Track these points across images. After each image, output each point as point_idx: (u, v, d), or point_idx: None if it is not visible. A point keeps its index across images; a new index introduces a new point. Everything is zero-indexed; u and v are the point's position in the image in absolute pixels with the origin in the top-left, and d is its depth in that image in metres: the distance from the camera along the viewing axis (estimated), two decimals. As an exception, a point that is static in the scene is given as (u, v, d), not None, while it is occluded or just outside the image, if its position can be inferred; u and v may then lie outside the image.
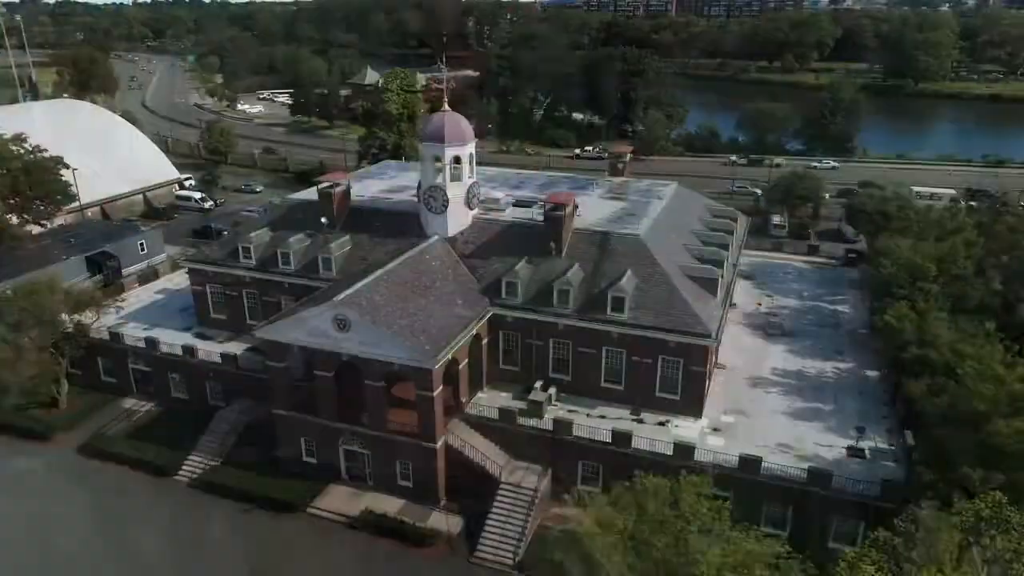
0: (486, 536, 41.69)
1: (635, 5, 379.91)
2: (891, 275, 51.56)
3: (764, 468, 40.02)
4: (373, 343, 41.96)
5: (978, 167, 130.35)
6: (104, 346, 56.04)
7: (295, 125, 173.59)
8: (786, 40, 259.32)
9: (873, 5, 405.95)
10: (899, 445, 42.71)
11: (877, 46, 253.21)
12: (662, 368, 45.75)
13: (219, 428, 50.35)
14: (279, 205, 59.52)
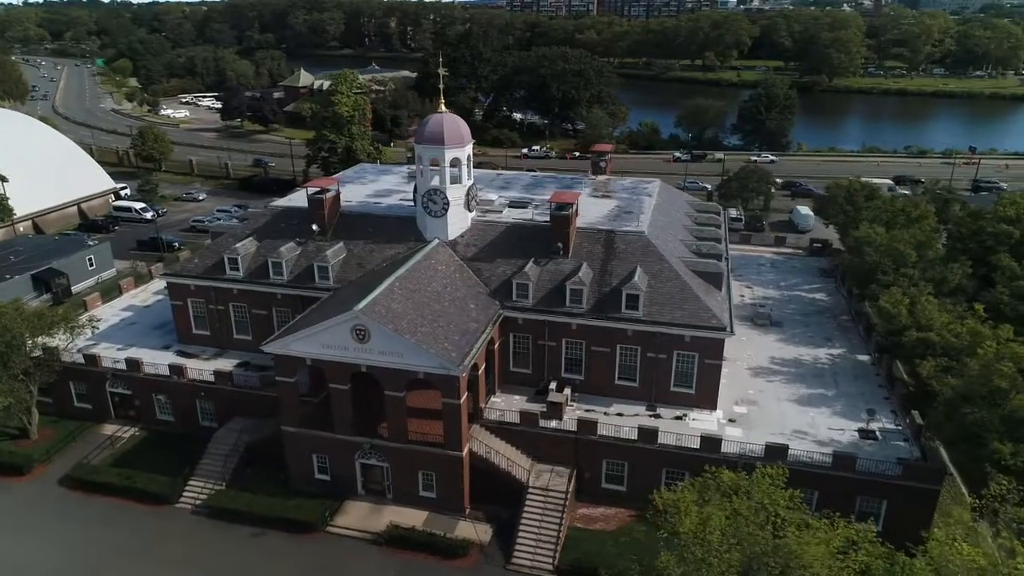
0: (521, 542, 41.17)
1: (557, 5, 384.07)
2: (875, 263, 53.87)
3: (790, 455, 41.04)
4: (395, 352, 40.75)
5: (902, 157, 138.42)
6: (77, 370, 52.30)
7: (227, 130, 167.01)
8: (707, 39, 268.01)
9: (781, 5, 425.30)
10: (905, 425, 44.68)
11: (792, 44, 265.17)
12: (677, 363, 46.32)
13: (219, 450, 47.78)
14: (262, 213, 56.98)
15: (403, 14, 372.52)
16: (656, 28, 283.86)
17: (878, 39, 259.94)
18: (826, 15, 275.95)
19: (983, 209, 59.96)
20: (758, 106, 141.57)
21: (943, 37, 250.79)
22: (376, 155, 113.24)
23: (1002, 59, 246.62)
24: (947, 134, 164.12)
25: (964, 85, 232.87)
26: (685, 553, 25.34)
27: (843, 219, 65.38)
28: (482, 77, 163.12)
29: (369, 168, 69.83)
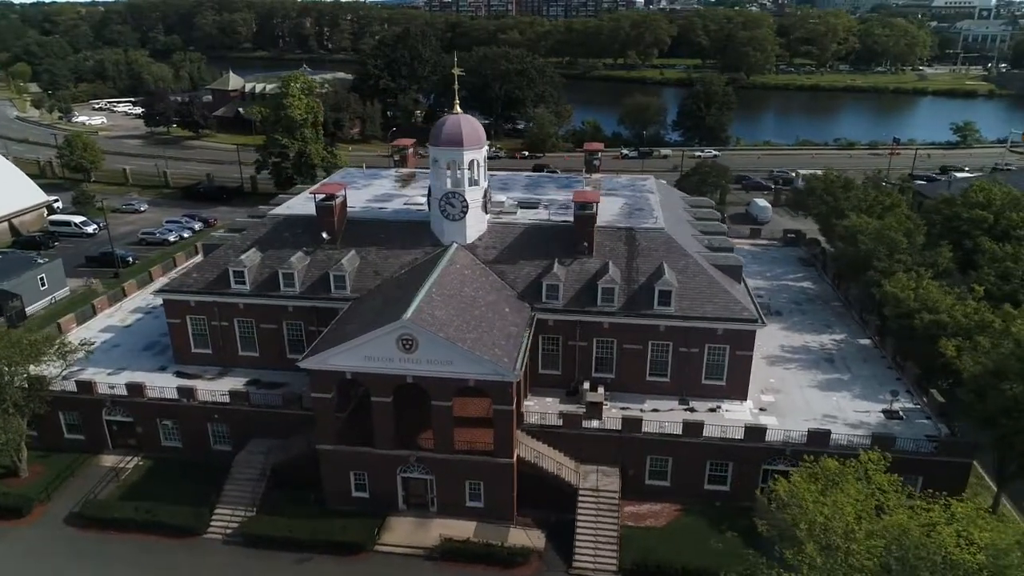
0: (580, 545, 40.85)
1: (477, 5, 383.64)
2: (869, 250, 56.37)
3: (832, 440, 42.40)
4: (444, 361, 39.63)
5: (833, 150, 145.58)
6: (69, 399, 48.34)
7: (152, 136, 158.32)
8: (628, 39, 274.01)
9: (690, 4, 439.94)
10: (924, 404, 46.98)
11: (709, 43, 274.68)
12: (708, 356, 47.07)
13: (243, 474, 45.19)
14: (262, 223, 54.17)
15: (319, 14, 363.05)
16: (579, 28, 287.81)
17: (788, 37, 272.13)
18: (739, 15, 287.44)
19: (954, 196, 63.74)
20: (697, 103, 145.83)
21: (847, 35, 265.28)
22: (331, 159, 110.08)
23: (900, 56, 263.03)
24: (862, 127, 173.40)
25: (870, 80, 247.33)
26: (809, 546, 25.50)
27: (824, 209, 68.11)
28: (422, 78, 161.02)
29: (356, 172, 67.67)
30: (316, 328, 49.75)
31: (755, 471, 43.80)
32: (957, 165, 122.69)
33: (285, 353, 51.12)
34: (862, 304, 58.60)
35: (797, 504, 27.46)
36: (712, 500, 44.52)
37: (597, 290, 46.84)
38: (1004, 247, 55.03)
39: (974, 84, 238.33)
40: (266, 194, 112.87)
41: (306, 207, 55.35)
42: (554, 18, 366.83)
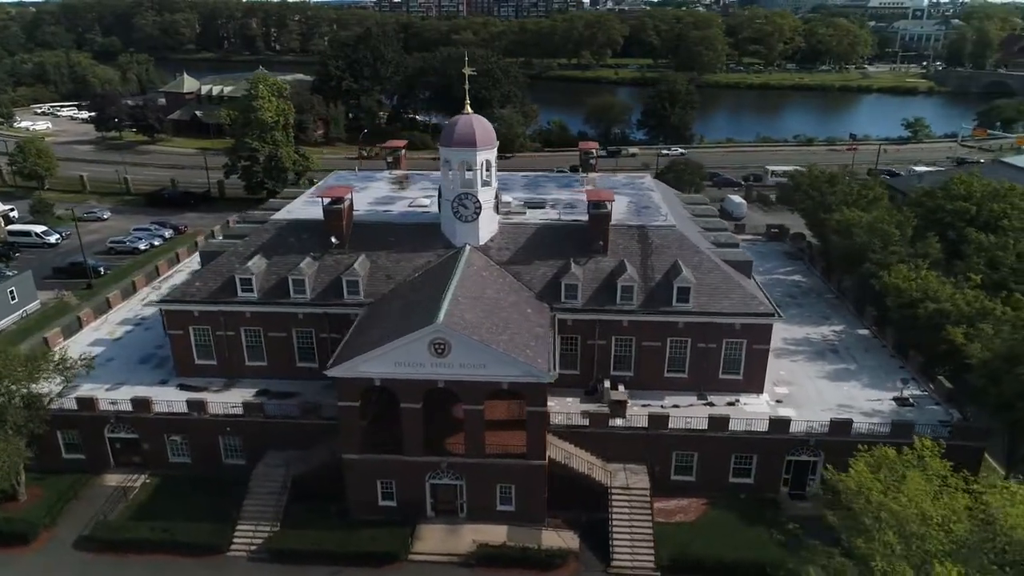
0: (617, 544, 40.82)
1: (428, 6, 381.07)
2: (864, 243, 57.96)
3: (853, 429, 43.39)
4: (477, 364, 39.10)
5: (792, 146, 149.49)
6: (69, 417, 46.04)
7: (103, 141, 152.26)
8: (581, 38, 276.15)
9: (638, 4, 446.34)
10: (931, 390, 48.48)
11: (660, 43, 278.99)
12: (726, 351, 47.64)
13: (263, 488, 43.73)
14: (265, 228, 52.50)
15: (266, 15, 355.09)
16: (532, 28, 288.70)
17: (736, 37, 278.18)
18: (689, 15, 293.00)
19: (935, 189, 65.96)
20: (662, 102, 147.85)
21: (793, 35, 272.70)
22: (304, 162, 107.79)
23: (843, 55, 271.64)
24: (811, 124, 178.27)
25: (817, 78, 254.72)
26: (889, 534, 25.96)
27: (811, 204, 69.74)
28: (385, 79, 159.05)
29: (348, 176, 66.24)
30: (328, 335, 48.65)
31: (779, 462, 44.55)
32: (915, 159, 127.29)
33: (295, 362, 49.81)
34: (858, 295, 60.18)
35: (863, 494, 27.89)
36: (737, 493, 45.06)
37: (616, 288, 46.91)
38: (989, 237, 57.22)
39: (914, 82, 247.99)
40: (235, 199, 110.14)
41: (308, 211, 54.08)
42: (505, 18, 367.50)
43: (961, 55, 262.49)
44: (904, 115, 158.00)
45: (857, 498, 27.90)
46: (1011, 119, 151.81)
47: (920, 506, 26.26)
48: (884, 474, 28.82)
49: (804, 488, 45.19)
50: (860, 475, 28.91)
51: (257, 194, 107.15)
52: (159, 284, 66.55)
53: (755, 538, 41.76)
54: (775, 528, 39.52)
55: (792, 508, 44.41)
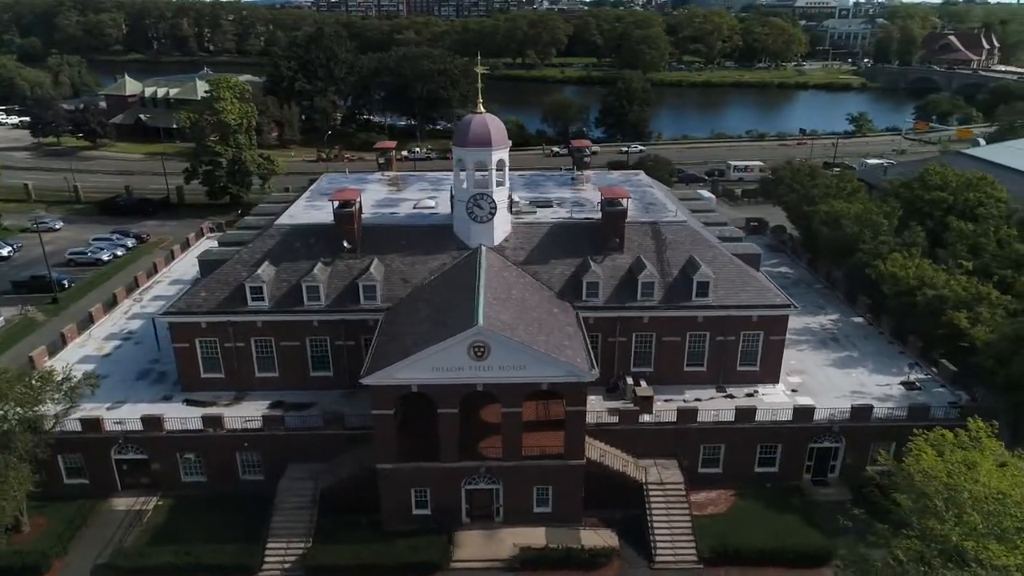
0: (659, 539, 41.00)
1: (367, 5, 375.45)
2: (855, 233, 59.90)
3: (873, 415, 44.75)
4: (517, 366, 38.61)
5: (745, 142, 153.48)
6: (72, 440, 43.42)
7: (40, 148, 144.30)
8: (525, 38, 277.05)
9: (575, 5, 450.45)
10: (933, 374, 50.42)
11: (603, 42, 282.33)
12: (743, 343, 48.45)
13: (290, 503, 42.16)
14: (270, 234, 50.55)
15: (198, 15, 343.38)
16: (475, 27, 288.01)
17: (676, 36, 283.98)
18: (630, 15, 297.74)
19: (911, 180, 68.69)
20: (619, 100, 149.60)
21: (731, 34, 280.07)
22: (268, 166, 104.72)
23: (778, 53, 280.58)
24: (752, 119, 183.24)
25: (756, 76, 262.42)
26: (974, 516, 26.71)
27: (796, 198, 71.62)
28: (339, 79, 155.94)
29: (340, 178, 64.50)
30: (344, 342, 47.41)
31: (803, 450, 45.57)
32: (863, 152, 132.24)
33: (308, 371, 48.31)
34: (849, 285, 62.10)
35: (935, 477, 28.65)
36: (763, 482, 45.89)
37: (636, 285, 47.14)
38: (968, 225, 59.91)
39: (847, 78, 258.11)
40: (196, 206, 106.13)
41: (312, 215, 52.61)
42: (447, 18, 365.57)
43: (888, 52, 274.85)
44: (839, 110, 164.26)
45: (930, 481, 28.67)
46: (946, 112, 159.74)
47: (997, 485, 27.23)
48: (947, 456, 29.71)
49: (826, 475, 46.37)
50: (930, 459, 29.70)
51: (220, 199, 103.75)
52: (140, 296, 63.56)
53: (788, 525, 42.64)
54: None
55: (816, 494, 45.56)
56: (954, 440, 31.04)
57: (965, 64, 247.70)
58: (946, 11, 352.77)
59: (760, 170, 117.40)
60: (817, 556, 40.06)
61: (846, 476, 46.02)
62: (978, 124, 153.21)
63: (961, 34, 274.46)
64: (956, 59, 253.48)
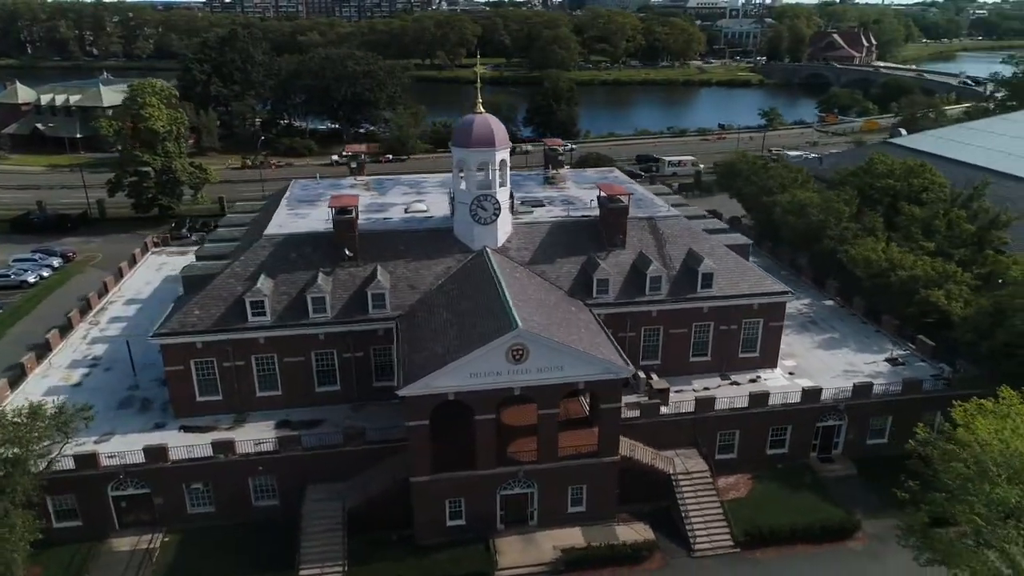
0: (694, 528, 41.63)
1: (264, 6, 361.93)
2: (822, 221, 62.97)
3: (873, 392, 47.16)
4: (555, 367, 38.26)
5: (668, 137, 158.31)
6: (66, 479, 39.57)
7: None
8: (434, 39, 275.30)
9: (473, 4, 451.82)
10: (912, 350, 53.65)
11: (512, 43, 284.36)
12: (744, 331, 49.96)
13: (317, 526, 40.01)
14: (262, 245, 47.71)
15: (78, 16, 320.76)
16: (382, 28, 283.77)
17: (583, 36, 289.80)
18: (537, 15, 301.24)
19: (859, 168, 72.81)
20: (547, 99, 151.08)
21: (635, 33, 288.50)
22: (201, 175, 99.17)
23: (680, 51, 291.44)
24: (665, 116, 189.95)
25: (662, 74, 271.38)
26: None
27: (754, 189, 74.43)
28: (257, 83, 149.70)
29: (313, 184, 61.84)
30: (351, 354, 45.59)
31: (810, 430, 47.43)
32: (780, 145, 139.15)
33: (313, 387, 46.16)
34: (816, 270, 65.15)
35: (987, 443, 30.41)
36: (774, 464, 47.44)
37: (644, 280, 47.71)
38: (917, 209, 64.12)
39: (746, 75, 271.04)
40: (120, 220, 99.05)
41: (302, 224, 50.41)
42: (349, 19, 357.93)
43: (780, 50, 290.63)
44: (741, 106, 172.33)
45: (988, 448, 30.41)
46: (846, 106, 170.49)
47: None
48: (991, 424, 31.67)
49: (831, 451, 48.48)
50: (981, 427, 31.50)
51: (148, 212, 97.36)
52: (96, 318, 58.80)
53: (807, 503, 44.27)
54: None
55: (824, 471, 47.54)
56: (993, 408, 33.02)
57: (849, 60, 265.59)
58: (825, 11, 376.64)
59: (692, 164, 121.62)
60: (843, 529, 41.87)
61: (849, 451, 48.31)
62: (881, 116, 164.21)
63: (843, 32, 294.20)
64: (840, 56, 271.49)
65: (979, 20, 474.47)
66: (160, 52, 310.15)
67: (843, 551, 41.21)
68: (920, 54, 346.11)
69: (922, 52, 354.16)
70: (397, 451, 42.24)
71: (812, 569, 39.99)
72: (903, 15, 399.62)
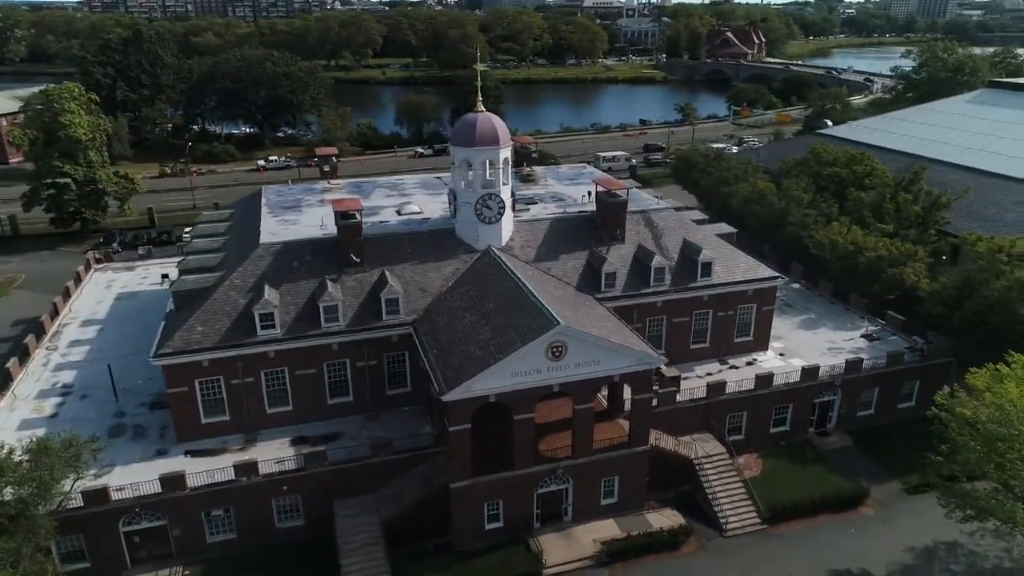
0: (723, 509, 42.85)
1: (150, 6, 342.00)
2: (784, 208, 66.17)
3: (863, 366, 50.05)
4: (591, 361, 38.47)
5: (591, 134, 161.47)
6: (73, 519, 36.24)
7: None
8: (339, 39, 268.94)
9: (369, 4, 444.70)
10: (883, 325, 57.17)
11: (418, 42, 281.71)
12: (739, 316, 51.85)
13: (354, 542, 38.40)
14: (259, 255, 45.16)
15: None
16: (285, 29, 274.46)
17: (489, 35, 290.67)
18: (443, 14, 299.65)
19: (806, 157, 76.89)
20: (471, 98, 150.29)
21: (541, 32, 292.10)
22: (128, 185, 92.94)
23: (585, 50, 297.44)
24: (576, 113, 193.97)
25: (571, 72, 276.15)
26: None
27: (712, 180, 77.14)
28: (167, 86, 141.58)
29: (286, 190, 59.13)
30: (365, 363, 44.18)
31: (809, 406, 49.81)
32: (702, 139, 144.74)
33: (326, 400, 44.44)
34: (780, 255, 68.30)
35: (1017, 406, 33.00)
36: (777, 441, 49.53)
37: (649, 272, 48.64)
38: (866, 194, 68.47)
39: (650, 72, 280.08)
40: (37, 236, 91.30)
41: (294, 231, 48.32)
42: (244, 19, 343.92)
43: (679, 48, 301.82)
44: (647, 102, 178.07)
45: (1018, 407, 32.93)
46: (753, 100, 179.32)
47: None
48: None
49: (826, 425, 51.07)
50: (1012, 390, 33.99)
51: (70, 227, 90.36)
52: (54, 343, 54.14)
53: (816, 476, 46.50)
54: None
55: (823, 444, 50.03)
56: (1010, 372, 35.80)
57: (743, 57, 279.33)
58: (714, 10, 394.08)
59: (626, 159, 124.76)
60: (856, 498, 44.28)
61: (842, 424, 51.07)
62: (788, 109, 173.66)
63: (735, 30, 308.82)
64: (735, 53, 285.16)
65: (849, 18, 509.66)
66: (35, 55, 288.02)
67: (859, 518, 43.58)
68: (802, 50, 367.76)
69: (804, 49, 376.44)
70: (424, 459, 41.43)
71: (834, 538, 42.04)
72: (783, 14, 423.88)
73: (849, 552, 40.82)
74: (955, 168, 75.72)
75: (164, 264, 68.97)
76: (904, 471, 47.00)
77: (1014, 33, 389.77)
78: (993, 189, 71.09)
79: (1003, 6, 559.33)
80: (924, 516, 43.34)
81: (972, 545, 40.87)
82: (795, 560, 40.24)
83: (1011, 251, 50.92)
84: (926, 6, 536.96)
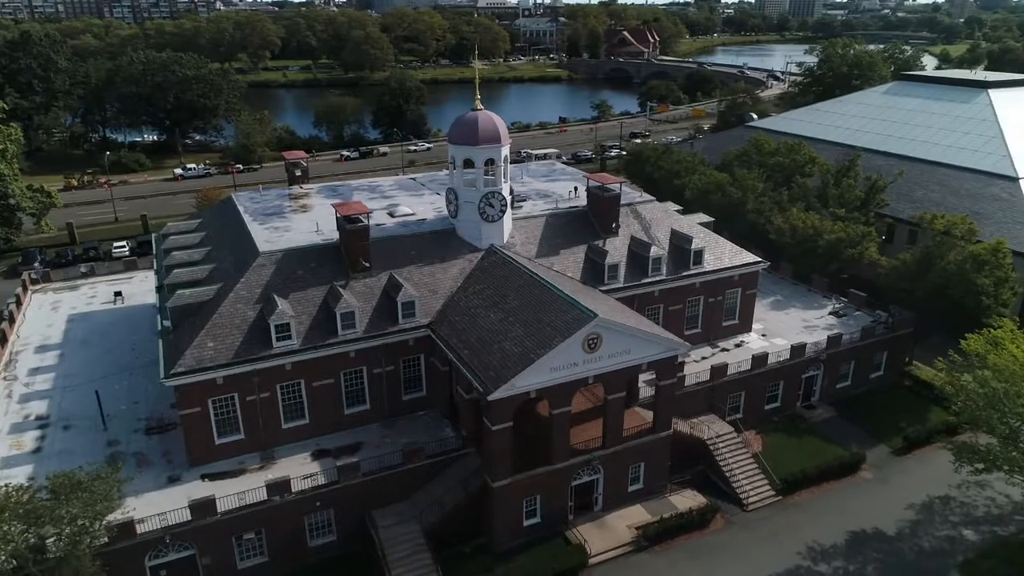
0: (741, 485, 44.70)
1: (15, 6, 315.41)
2: (741, 198, 69.44)
3: (842, 341, 53.39)
4: (623, 351, 39.29)
5: (515, 132, 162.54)
6: (98, 556, 33.49)
7: None
8: (234, 41, 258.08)
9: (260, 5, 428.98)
10: (845, 303, 61.08)
11: (318, 43, 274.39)
12: (727, 300, 54.10)
13: (400, 551, 37.43)
14: (260, 264, 42.85)
15: None
16: (174, 31, 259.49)
17: (391, 35, 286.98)
18: (342, 15, 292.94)
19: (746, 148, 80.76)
20: (395, 99, 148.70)
21: (443, 33, 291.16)
22: (45, 199, 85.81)
23: (488, 50, 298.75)
24: (492, 111, 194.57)
25: (482, 72, 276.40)
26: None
27: (663, 174, 79.62)
28: (63, 92, 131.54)
29: (260, 196, 56.36)
30: (383, 369, 43.16)
31: (797, 382, 52.67)
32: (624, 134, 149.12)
33: (343, 410, 43.05)
34: (738, 241, 71.42)
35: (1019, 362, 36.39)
36: (770, 417, 52.11)
37: (647, 262, 49.92)
38: (808, 181, 72.90)
39: (554, 71, 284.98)
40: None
41: (292, 238, 46.43)
42: (122, 20, 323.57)
43: (579, 47, 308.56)
44: (552, 101, 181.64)
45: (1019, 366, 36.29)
46: (663, 96, 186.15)
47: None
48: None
49: (811, 399, 54.12)
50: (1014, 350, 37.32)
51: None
52: (12, 373, 49.57)
53: (814, 446, 49.31)
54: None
55: (812, 416, 53.04)
56: (1006, 336, 39.34)
57: (640, 55, 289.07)
58: (607, 9, 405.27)
59: (557, 157, 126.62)
60: (854, 463, 47.28)
61: (825, 397, 54.30)
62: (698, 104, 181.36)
63: (632, 29, 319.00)
64: (632, 51, 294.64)
65: (729, 18, 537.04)
66: None
67: (860, 482, 46.57)
68: (691, 48, 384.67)
69: (692, 47, 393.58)
70: (454, 461, 40.99)
71: (843, 501, 44.79)
72: (669, 13, 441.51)
73: (860, 514, 43.59)
74: (881, 155, 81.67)
75: (112, 282, 64.55)
76: (887, 435, 50.70)
77: (906, 33, 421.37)
78: (917, 172, 77.20)
79: (862, 5, 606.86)
80: (915, 475, 47.05)
81: (962, 497, 44.70)
82: (816, 526, 42.56)
83: (963, 227, 55.70)
84: (796, 7, 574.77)
